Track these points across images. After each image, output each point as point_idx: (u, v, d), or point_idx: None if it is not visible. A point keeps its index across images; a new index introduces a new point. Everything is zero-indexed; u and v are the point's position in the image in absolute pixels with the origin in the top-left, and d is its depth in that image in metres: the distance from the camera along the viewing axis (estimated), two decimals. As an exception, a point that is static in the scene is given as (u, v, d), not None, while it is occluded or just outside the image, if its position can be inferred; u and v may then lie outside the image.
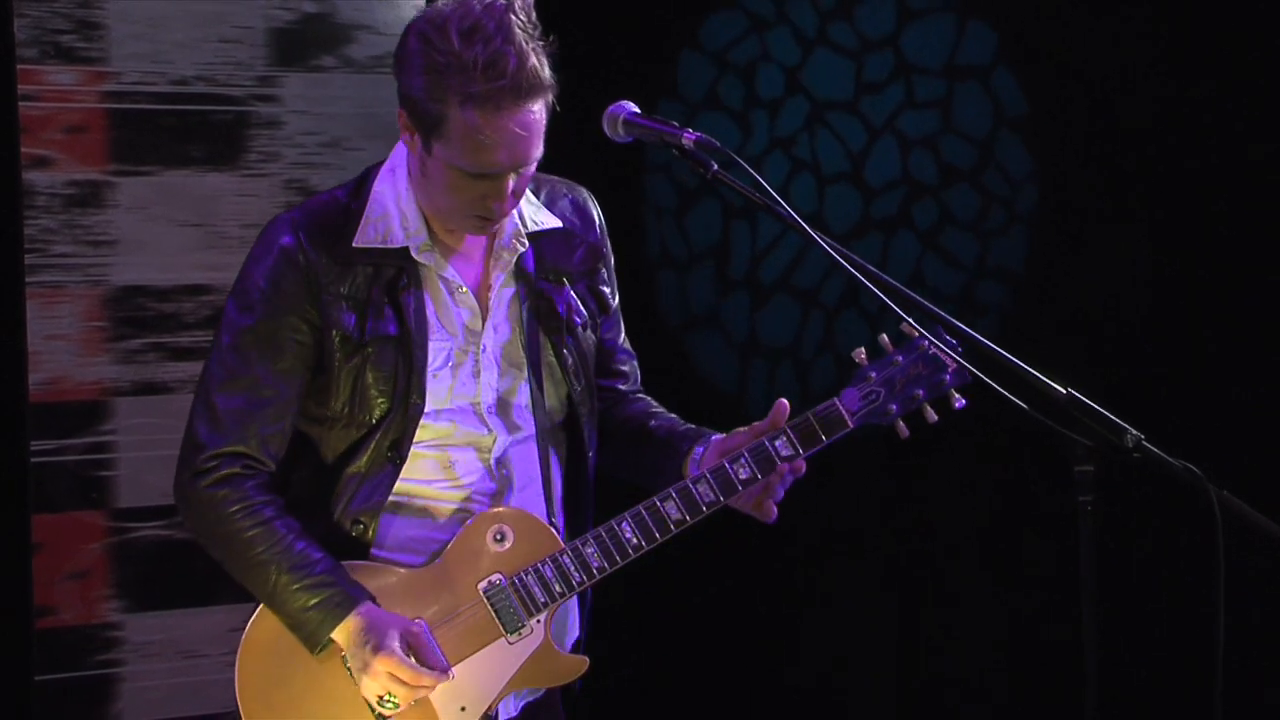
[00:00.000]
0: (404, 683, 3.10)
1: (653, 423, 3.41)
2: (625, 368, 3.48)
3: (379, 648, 3.08)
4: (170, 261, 4.82)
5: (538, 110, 3.05)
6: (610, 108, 3.20)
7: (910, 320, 3.06)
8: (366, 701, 3.14)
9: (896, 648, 5.68)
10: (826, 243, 2.99)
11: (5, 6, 4.59)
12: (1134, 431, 2.88)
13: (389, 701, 3.12)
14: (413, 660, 3.10)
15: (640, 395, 3.51)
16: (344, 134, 5.00)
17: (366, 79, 4.98)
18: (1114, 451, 2.89)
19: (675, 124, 3.12)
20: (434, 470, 3.22)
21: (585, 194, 3.41)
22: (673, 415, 3.44)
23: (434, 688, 3.13)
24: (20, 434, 4.68)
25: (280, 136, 4.94)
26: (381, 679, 3.09)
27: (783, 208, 3.01)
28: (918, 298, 3.00)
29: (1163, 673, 5.31)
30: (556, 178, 3.38)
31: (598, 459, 3.40)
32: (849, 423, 3.23)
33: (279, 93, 4.94)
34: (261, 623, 3.19)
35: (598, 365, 3.40)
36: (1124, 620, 5.20)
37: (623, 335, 3.48)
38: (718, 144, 3.08)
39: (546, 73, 3.05)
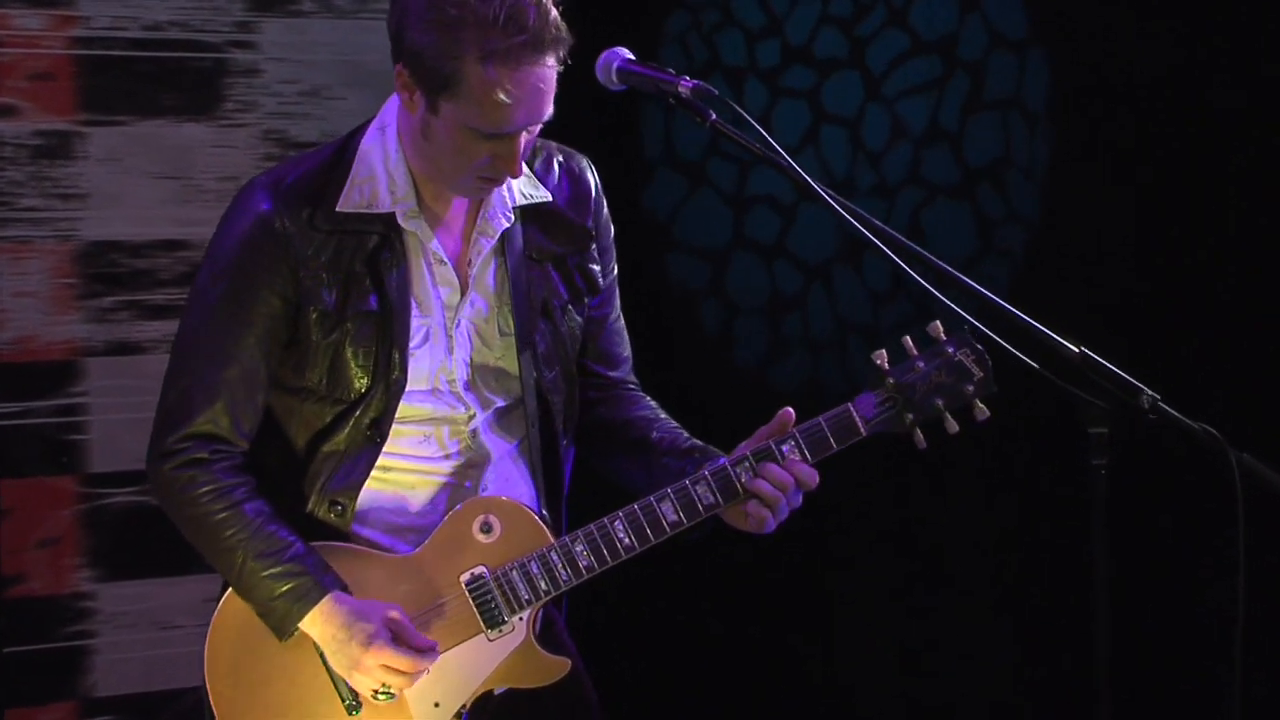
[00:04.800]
0: (400, 672, 3.10)
1: (655, 434, 3.35)
2: (616, 349, 3.42)
3: (369, 641, 3.08)
4: (143, 215, 4.83)
5: (554, 65, 3.02)
6: (603, 54, 3.19)
7: (939, 294, 2.99)
8: (336, 689, 3.15)
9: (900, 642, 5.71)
10: (831, 196, 2.99)
11: (-35, -53, 4.60)
12: (1149, 392, 2.89)
13: (383, 694, 3.13)
14: (404, 647, 3.10)
15: (635, 390, 3.46)
16: (324, 82, 5.00)
17: (348, 24, 4.99)
18: (1129, 413, 2.90)
19: (671, 71, 3.10)
20: (411, 446, 3.21)
21: (583, 162, 3.35)
22: (674, 424, 3.38)
23: (428, 669, 3.12)
24: (-14, 395, 4.70)
25: (258, 85, 4.94)
26: (376, 673, 3.09)
27: (784, 159, 3.01)
28: (927, 254, 3.00)
29: (1179, 644, 5.34)
30: (554, 143, 3.33)
31: (587, 455, 3.40)
32: (861, 430, 3.17)
33: (256, 39, 4.94)
34: (233, 602, 3.19)
35: (585, 346, 3.36)
36: (1140, 591, 5.22)
37: (615, 313, 3.42)
38: (715, 92, 3.05)
39: (563, 24, 3.02)
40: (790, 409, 3.19)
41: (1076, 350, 2.91)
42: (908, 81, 5.69)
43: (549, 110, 3.05)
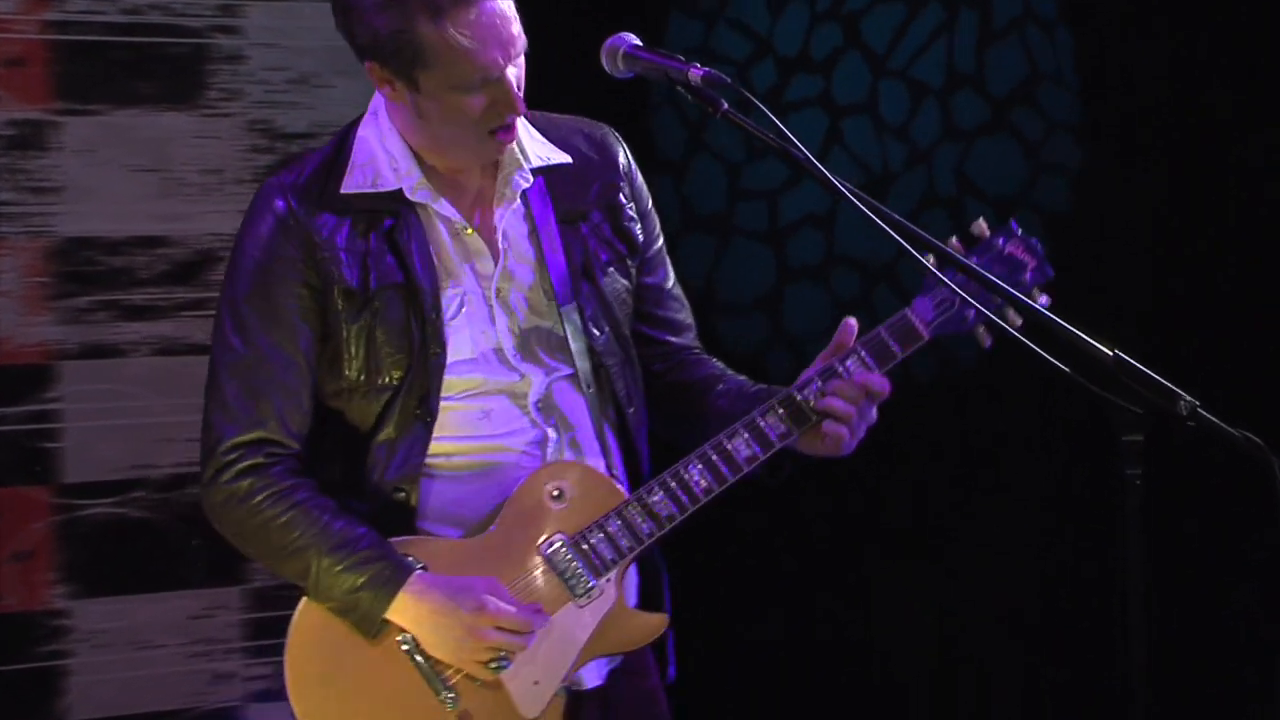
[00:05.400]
0: (515, 630, 3.14)
1: (721, 386, 3.42)
2: (676, 315, 3.50)
3: (479, 606, 3.13)
4: (121, 210, 4.82)
5: None
6: (609, 40, 3.22)
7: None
8: (431, 686, 3.18)
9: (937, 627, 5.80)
10: (849, 190, 3.00)
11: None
12: (1188, 398, 2.89)
13: (496, 664, 3.15)
14: (514, 606, 3.15)
15: (699, 354, 3.52)
16: (314, 69, 4.99)
17: (339, 8, 4.96)
18: (1166, 419, 2.90)
19: (681, 58, 3.14)
20: (468, 424, 3.25)
21: (605, 130, 3.44)
22: (742, 377, 3.45)
23: (543, 626, 3.18)
24: (-45, 401, 4.70)
25: (243, 72, 4.94)
26: (490, 636, 3.14)
27: (799, 150, 3.03)
28: (952, 251, 3.02)
29: (1216, 659, 5.38)
30: (573, 118, 3.44)
31: (660, 427, 3.44)
32: (923, 334, 3.25)
33: (241, 23, 4.94)
34: (307, 616, 3.23)
35: (639, 312, 3.43)
36: (1166, 593, 5.26)
37: (670, 280, 3.50)
38: (728, 80, 3.10)
39: None
40: (852, 319, 3.27)
41: (1111, 354, 2.91)
42: (914, 42, 5.73)
43: (521, 36, 3.15)
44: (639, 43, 3.20)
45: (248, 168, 4.89)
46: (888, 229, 3.02)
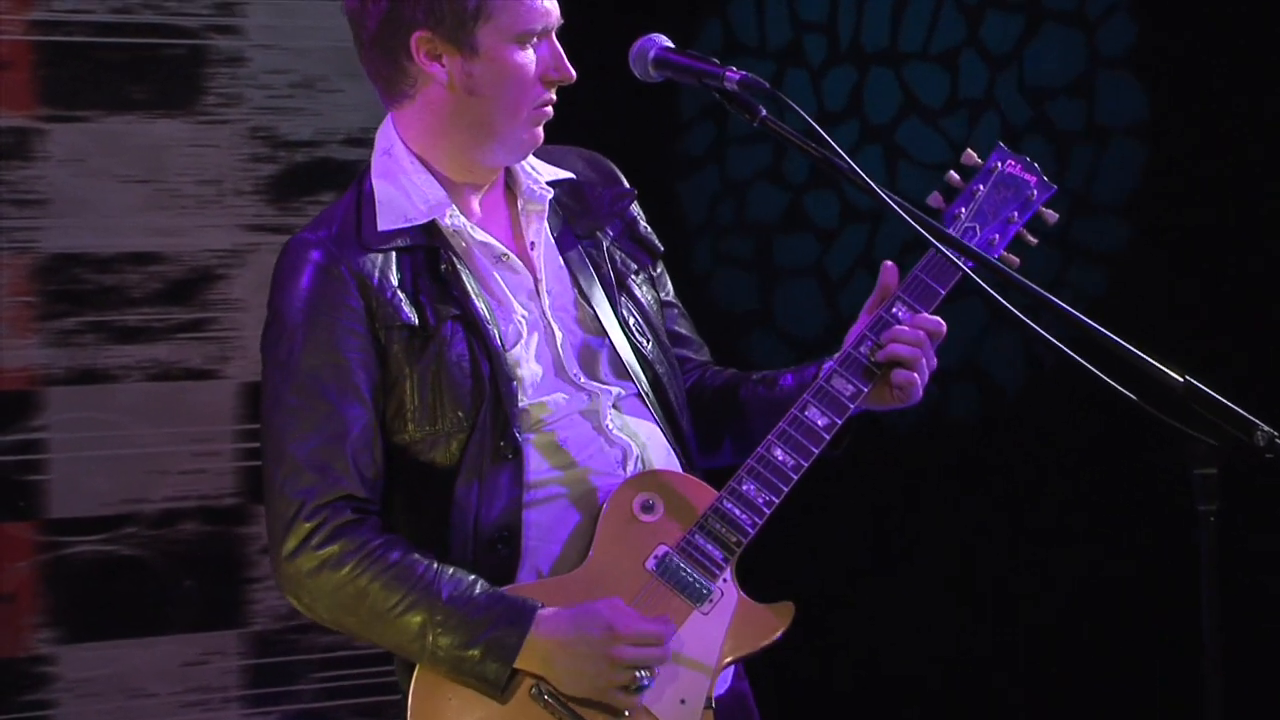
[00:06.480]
0: (654, 642, 3.19)
1: (755, 376, 3.54)
2: (691, 333, 3.62)
3: (609, 624, 3.18)
4: (112, 225, 4.84)
5: None
6: (638, 42, 3.23)
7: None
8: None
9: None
10: (897, 202, 3.00)
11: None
12: (1265, 428, 2.87)
13: (638, 686, 3.18)
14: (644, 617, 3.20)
15: (718, 367, 3.64)
16: (319, 72, 5.01)
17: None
18: (1241, 451, 2.89)
19: (716, 61, 3.14)
20: (548, 455, 3.31)
21: (597, 154, 3.55)
22: (769, 371, 3.56)
23: (673, 634, 3.23)
24: (-67, 431, 4.71)
25: (243, 75, 4.96)
26: (629, 654, 3.17)
27: (844, 160, 3.03)
28: (1010, 271, 3.03)
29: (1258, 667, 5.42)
30: (565, 146, 3.51)
31: (700, 445, 3.53)
32: (959, 265, 3.26)
33: (241, 23, 4.96)
34: (424, 694, 3.21)
35: (670, 334, 3.56)
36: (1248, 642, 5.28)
37: (675, 299, 3.62)
38: (766, 85, 3.10)
39: None
40: (890, 264, 3.40)
41: (1181, 380, 2.90)
42: (920, 18, 5.77)
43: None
44: (670, 44, 3.20)
45: (248, 178, 4.91)
46: (930, 237, 3.10)
